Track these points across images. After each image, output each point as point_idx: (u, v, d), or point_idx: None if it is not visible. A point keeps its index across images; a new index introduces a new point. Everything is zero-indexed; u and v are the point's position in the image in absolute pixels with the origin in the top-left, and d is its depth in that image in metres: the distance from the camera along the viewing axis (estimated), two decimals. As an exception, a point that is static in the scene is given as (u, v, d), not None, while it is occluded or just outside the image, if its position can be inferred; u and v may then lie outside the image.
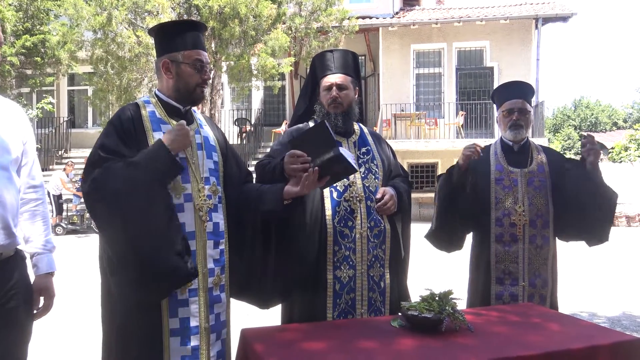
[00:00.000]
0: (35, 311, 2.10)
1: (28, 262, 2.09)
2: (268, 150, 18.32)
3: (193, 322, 2.05)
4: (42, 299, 2.11)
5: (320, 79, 2.58)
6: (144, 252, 1.87)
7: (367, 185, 2.52)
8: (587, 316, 5.46)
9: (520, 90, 2.98)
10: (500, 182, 2.88)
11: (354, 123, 2.66)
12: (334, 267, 2.40)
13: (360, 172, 2.52)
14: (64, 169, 14.42)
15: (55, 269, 2.15)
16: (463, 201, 2.87)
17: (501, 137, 3.04)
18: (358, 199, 2.46)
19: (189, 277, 1.95)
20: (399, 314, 2.14)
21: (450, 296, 1.95)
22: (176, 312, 2.02)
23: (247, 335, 1.92)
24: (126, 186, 1.88)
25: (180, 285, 1.97)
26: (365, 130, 2.71)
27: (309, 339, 1.87)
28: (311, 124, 2.60)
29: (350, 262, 2.42)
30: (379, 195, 2.48)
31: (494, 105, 3.16)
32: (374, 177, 2.56)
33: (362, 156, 2.59)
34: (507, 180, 2.89)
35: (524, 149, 2.98)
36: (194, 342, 2.04)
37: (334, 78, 2.54)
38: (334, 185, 2.40)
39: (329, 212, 2.43)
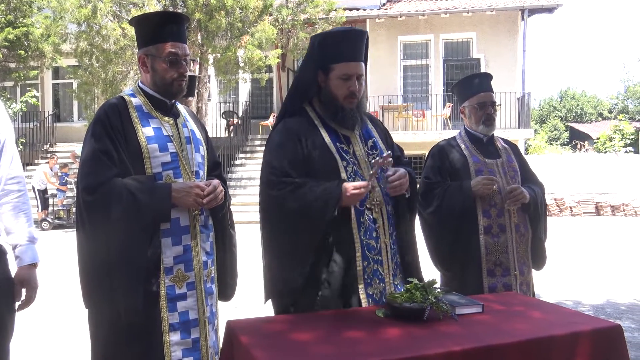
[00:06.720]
0: (17, 304, 2.04)
1: (9, 257, 2.06)
2: (256, 142, 17.84)
3: (192, 315, 2.07)
4: (24, 291, 2.05)
5: (333, 62, 2.19)
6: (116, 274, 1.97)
7: (384, 187, 2.26)
8: (572, 304, 5.54)
9: (488, 83, 3.01)
10: (480, 174, 2.88)
11: None
12: (366, 284, 2.18)
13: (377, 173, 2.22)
14: (47, 162, 14.27)
15: (39, 260, 2.09)
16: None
17: (466, 129, 3.05)
18: (379, 205, 2.22)
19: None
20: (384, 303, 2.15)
21: (434, 285, 1.97)
22: (175, 307, 2.04)
23: (233, 327, 1.92)
24: (124, 222, 1.97)
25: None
26: (366, 117, 2.38)
27: (295, 330, 1.88)
28: (309, 110, 2.27)
29: (380, 276, 2.21)
30: (389, 173, 2.18)
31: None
32: None
33: (371, 151, 2.29)
34: (486, 171, 2.90)
35: (490, 141, 3.04)
36: (194, 334, 2.07)
37: (356, 68, 2.19)
38: None
39: (354, 224, 2.18)
